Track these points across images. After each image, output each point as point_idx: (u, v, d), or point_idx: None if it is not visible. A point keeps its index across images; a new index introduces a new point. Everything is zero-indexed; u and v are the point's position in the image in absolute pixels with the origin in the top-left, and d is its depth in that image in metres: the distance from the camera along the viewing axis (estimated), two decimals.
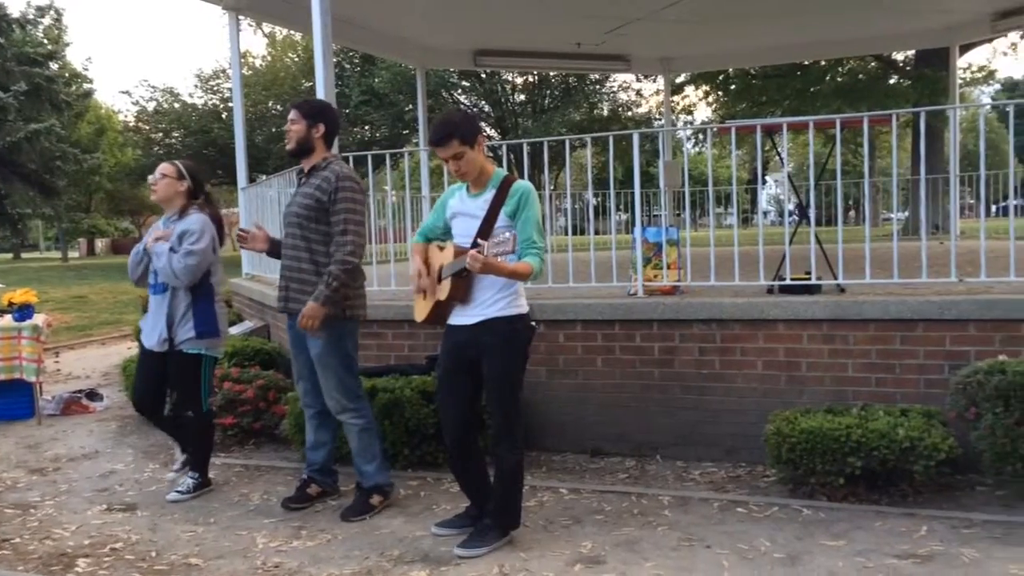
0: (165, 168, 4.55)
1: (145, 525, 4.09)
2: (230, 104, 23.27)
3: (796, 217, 5.68)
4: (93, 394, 7.10)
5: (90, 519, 4.21)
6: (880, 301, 4.48)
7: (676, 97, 21.72)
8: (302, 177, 4.21)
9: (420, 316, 3.78)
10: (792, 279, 4.98)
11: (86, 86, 34.75)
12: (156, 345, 4.47)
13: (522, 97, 29.00)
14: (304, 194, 4.09)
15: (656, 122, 28.70)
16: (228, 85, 26.73)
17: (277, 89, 27.34)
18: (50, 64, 30.29)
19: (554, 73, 25.34)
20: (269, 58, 30.45)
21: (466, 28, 10.49)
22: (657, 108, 29.15)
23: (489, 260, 3.24)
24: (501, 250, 3.21)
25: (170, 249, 4.36)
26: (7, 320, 6.48)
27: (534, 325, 3.69)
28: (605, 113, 29.71)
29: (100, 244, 51.11)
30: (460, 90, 27.83)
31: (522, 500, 3.70)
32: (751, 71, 19.04)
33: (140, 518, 4.21)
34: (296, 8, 7.47)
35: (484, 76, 26.32)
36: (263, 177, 8.07)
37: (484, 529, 3.63)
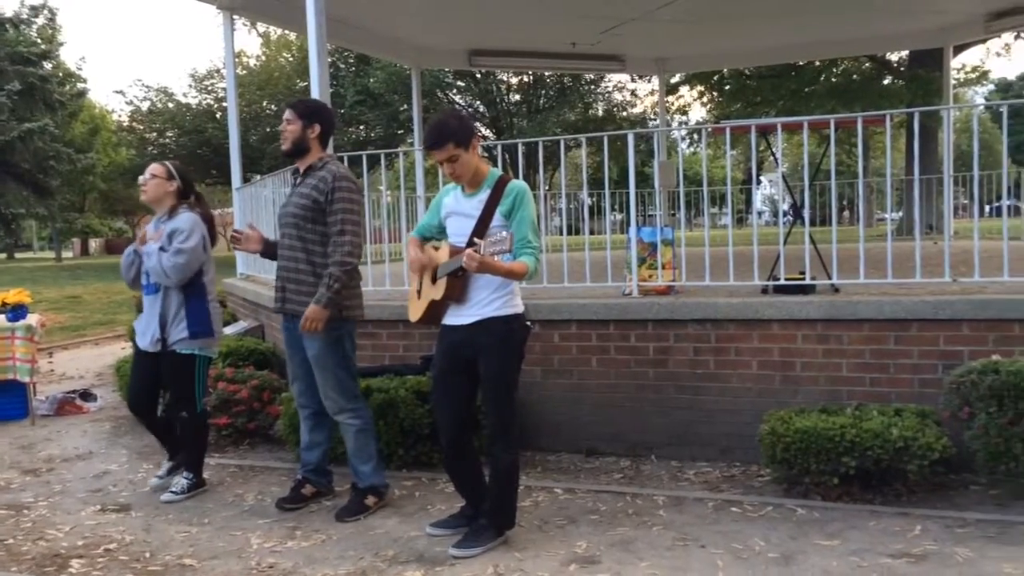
0: (154, 169, 4.54)
1: (139, 526, 4.08)
2: (224, 104, 23.15)
3: (791, 217, 5.68)
4: (87, 394, 7.08)
5: (84, 520, 4.20)
6: (874, 301, 4.49)
7: (671, 97, 21.70)
8: (297, 177, 4.20)
9: (415, 316, 3.78)
10: (787, 279, 4.99)
11: (80, 86, 34.68)
12: (149, 346, 4.46)
13: (517, 97, 29.01)
14: (300, 194, 4.08)
15: (651, 122, 28.76)
16: (222, 85, 26.66)
17: (272, 89, 27.29)
18: (44, 64, 30.27)
19: (549, 73, 25.35)
20: (264, 58, 30.38)
21: (461, 28, 10.49)
22: (652, 108, 29.22)
23: (485, 259, 3.24)
24: (498, 249, 3.20)
25: (160, 248, 4.35)
26: (0, 320, 6.46)
27: (529, 325, 3.69)
28: (600, 113, 29.74)
29: (94, 244, 50.96)
30: (455, 90, 27.83)
31: (517, 500, 3.71)
32: (746, 71, 19.06)
33: (134, 519, 4.20)
34: (291, 8, 7.47)
35: (479, 76, 26.33)
36: (258, 177, 8.05)
37: (479, 529, 3.63)
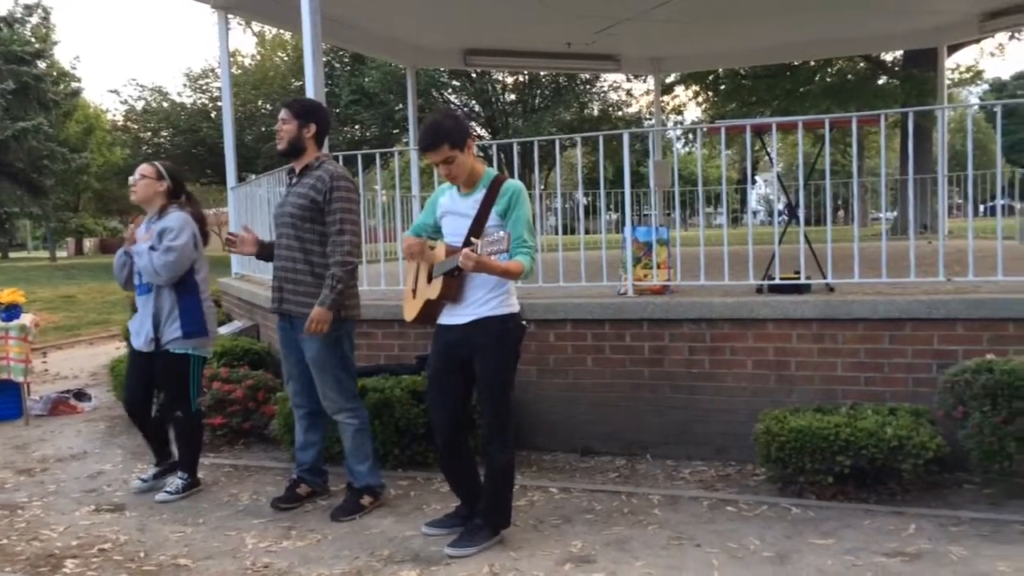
0: (144, 169, 4.54)
1: (133, 526, 4.07)
2: (219, 103, 23.15)
3: (785, 217, 5.69)
4: (81, 394, 7.07)
5: (78, 520, 4.19)
6: (869, 300, 4.50)
7: (666, 97, 21.73)
8: (293, 177, 4.20)
9: (410, 315, 3.77)
10: (781, 279, 4.99)
11: (74, 85, 34.51)
12: (143, 345, 4.46)
13: (512, 97, 28.99)
14: (298, 194, 4.07)
15: (646, 122, 28.75)
16: (217, 84, 26.62)
17: (266, 88, 27.26)
18: (38, 63, 30.15)
19: (544, 73, 25.34)
20: (258, 57, 30.35)
21: (456, 27, 10.48)
22: (647, 108, 29.23)
23: (482, 259, 3.23)
24: (495, 249, 3.19)
25: (151, 248, 4.35)
26: None
27: (525, 324, 3.69)
28: (595, 113, 29.73)
29: (88, 244, 50.73)
30: (450, 89, 27.80)
31: (512, 499, 3.71)
32: (741, 71, 19.10)
33: (128, 519, 4.19)
34: (285, 7, 7.45)
35: (474, 75, 26.31)
36: (252, 177, 8.04)
37: (474, 529, 3.63)
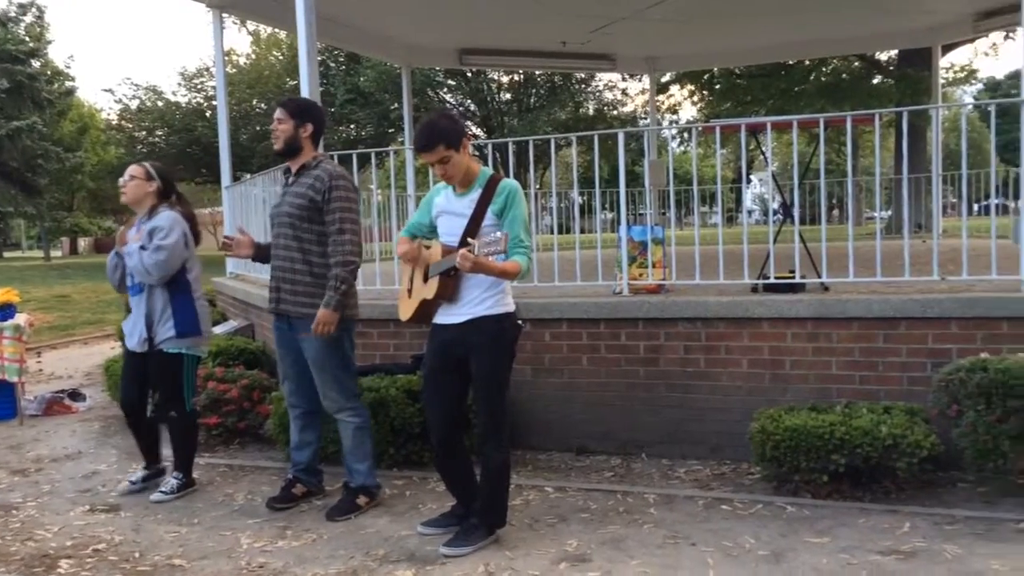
0: (133, 170, 4.53)
1: (128, 526, 4.07)
2: (214, 102, 23.10)
3: (780, 216, 5.70)
4: (76, 394, 7.05)
5: (73, 520, 4.18)
6: (863, 299, 4.51)
7: (661, 96, 21.75)
8: (289, 176, 4.19)
9: (405, 315, 3.77)
10: (776, 278, 5.00)
11: (68, 84, 34.43)
12: (137, 346, 4.45)
13: (508, 96, 28.98)
14: (296, 194, 4.06)
15: (641, 121, 28.76)
16: (212, 83, 26.58)
17: (261, 87, 27.23)
18: (32, 61, 30.12)
19: (540, 72, 25.33)
20: (253, 56, 30.30)
21: (451, 27, 10.47)
22: (642, 107, 29.22)
23: (479, 260, 3.23)
24: (492, 250, 3.18)
25: (141, 247, 4.34)
26: None
27: (521, 323, 3.69)
28: (591, 112, 29.73)
29: (83, 243, 50.64)
30: (446, 89, 27.77)
31: (508, 499, 3.71)
32: (736, 71, 19.11)
33: (123, 519, 4.18)
34: (280, 6, 7.44)
35: (470, 75, 26.29)
36: (247, 176, 8.02)
37: (470, 528, 3.63)
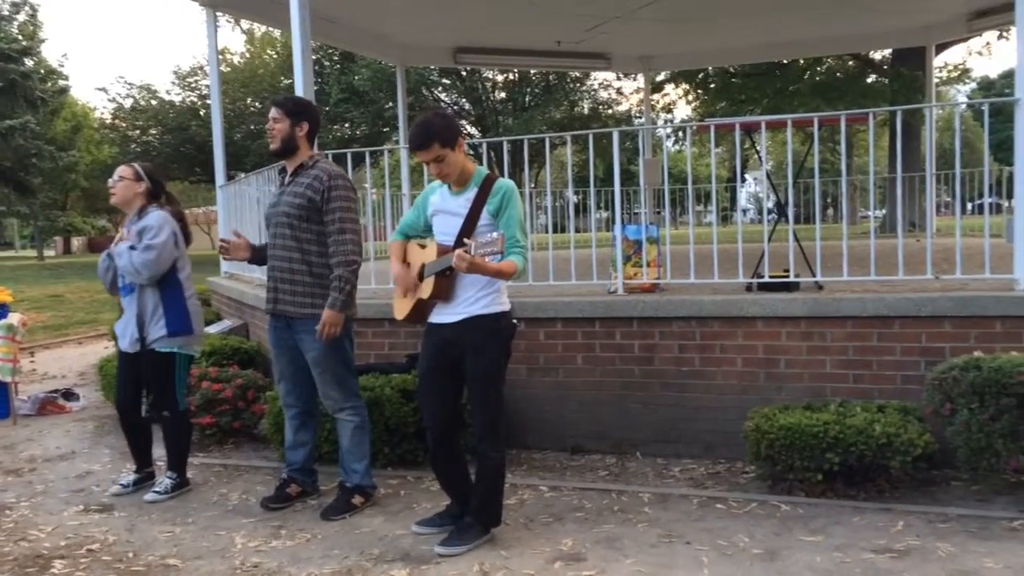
0: (122, 171, 4.52)
1: (122, 526, 4.05)
2: (208, 101, 23.08)
3: (775, 215, 5.71)
4: (69, 394, 7.03)
5: (66, 520, 4.16)
6: (857, 298, 4.52)
7: (656, 95, 21.74)
8: (285, 176, 4.18)
9: (401, 314, 3.77)
10: (771, 276, 5.01)
11: (61, 83, 34.27)
12: (129, 346, 4.45)
13: (503, 95, 29.00)
14: (294, 193, 4.05)
15: (636, 120, 28.80)
16: (206, 82, 26.51)
17: (256, 86, 27.18)
18: (25, 60, 29.99)
19: (534, 71, 25.35)
20: (248, 55, 30.25)
21: (446, 26, 10.47)
22: (637, 106, 29.28)
23: (476, 260, 3.23)
24: (489, 250, 3.18)
25: (131, 247, 4.33)
26: None
27: (516, 323, 3.69)
28: (585, 111, 29.79)
29: (76, 243, 50.47)
30: (440, 88, 27.79)
31: (503, 498, 3.71)
32: (730, 70, 19.13)
33: (117, 519, 4.17)
34: (275, 4, 7.43)
35: (464, 74, 26.30)
36: (242, 175, 8.01)
37: (465, 527, 3.63)
